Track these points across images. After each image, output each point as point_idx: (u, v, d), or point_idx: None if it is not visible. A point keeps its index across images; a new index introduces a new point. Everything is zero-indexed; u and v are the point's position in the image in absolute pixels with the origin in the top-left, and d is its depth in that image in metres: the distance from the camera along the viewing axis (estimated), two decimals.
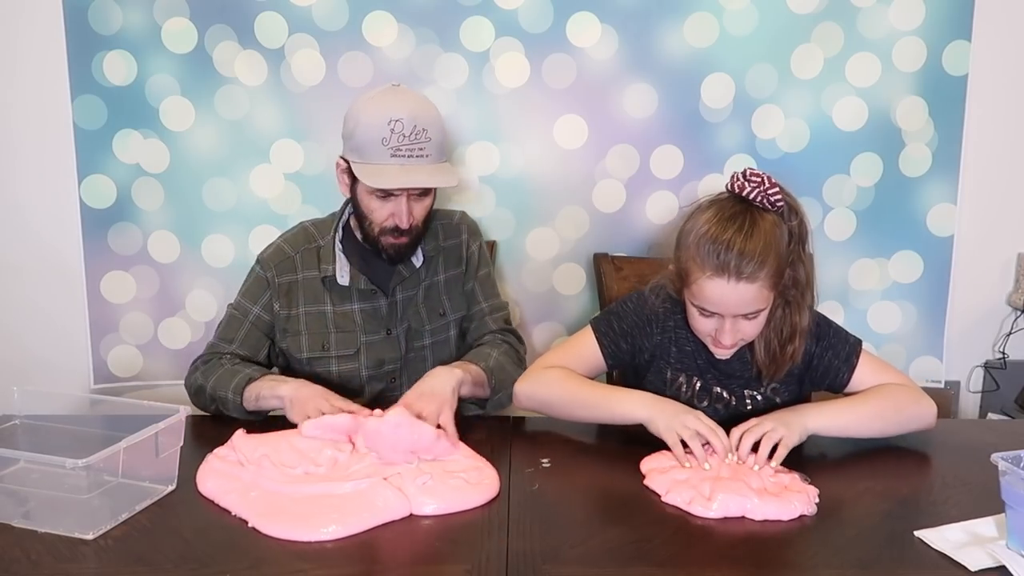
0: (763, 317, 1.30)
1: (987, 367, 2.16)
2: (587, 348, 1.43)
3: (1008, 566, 0.95)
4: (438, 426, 1.28)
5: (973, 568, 0.96)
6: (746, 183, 1.27)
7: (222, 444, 1.27)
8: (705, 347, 1.38)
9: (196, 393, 1.54)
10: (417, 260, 1.60)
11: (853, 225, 2.04)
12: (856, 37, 1.94)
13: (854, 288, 2.08)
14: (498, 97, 1.96)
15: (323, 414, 1.31)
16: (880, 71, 1.95)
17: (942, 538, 1.02)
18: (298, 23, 1.91)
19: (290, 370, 1.63)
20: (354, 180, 1.51)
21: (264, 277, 1.59)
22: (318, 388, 1.41)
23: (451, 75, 1.95)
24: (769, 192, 1.27)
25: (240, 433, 1.27)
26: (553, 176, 2.01)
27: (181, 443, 1.18)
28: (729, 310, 1.26)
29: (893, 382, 1.38)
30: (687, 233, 1.29)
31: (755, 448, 1.23)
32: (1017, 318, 2.13)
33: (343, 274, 1.57)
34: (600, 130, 1.98)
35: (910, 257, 2.06)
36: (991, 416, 2.13)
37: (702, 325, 1.32)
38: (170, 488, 1.17)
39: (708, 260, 1.24)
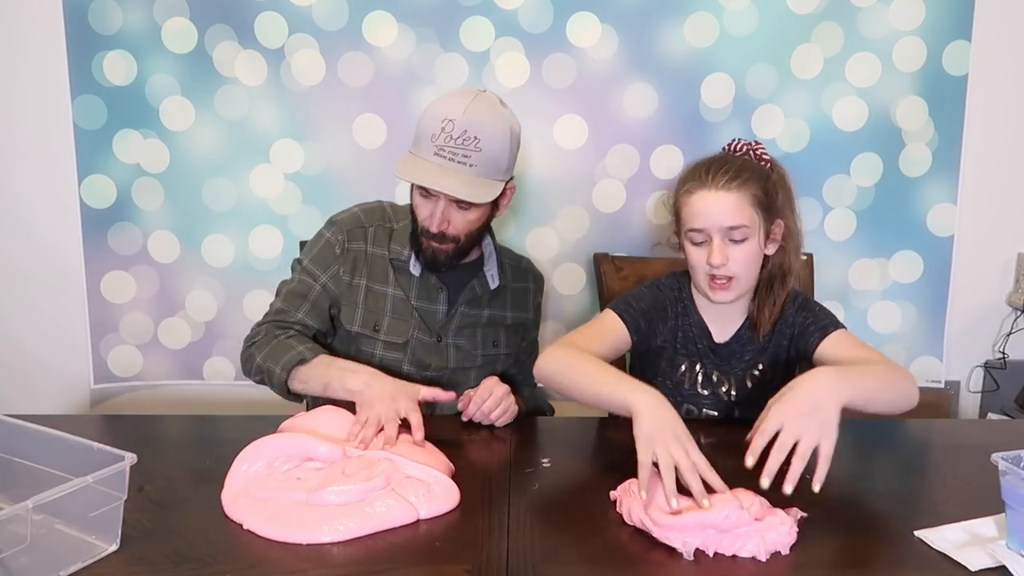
0: (750, 247, 1.34)
1: (987, 367, 2.16)
2: (611, 324, 1.42)
3: (1008, 566, 0.95)
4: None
5: (973, 568, 0.96)
6: (738, 142, 1.41)
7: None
8: (706, 331, 1.44)
9: (246, 360, 1.50)
10: (493, 283, 1.57)
11: (853, 225, 2.04)
12: (856, 37, 1.94)
13: (854, 288, 2.08)
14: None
15: (381, 426, 1.23)
16: (880, 71, 1.95)
17: (942, 538, 1.02)
18: (298, 23, 1.91)
19: (333, 343, 1.57)
20: None
21: (334, 242, 1.53)
22: (389, 386, 1.33)
23: (451, 75, 1.94)
24: (756, 148, 1.40)
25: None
26: (553, 176, 2.01)
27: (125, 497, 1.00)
28: (713, 220, 1.32)
29: (873, 358, 1.31)
30: (677, 181, 1.41)
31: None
32: (1017, 318, 2.13)
33: (416, 265, 1.53)
34: (600, 130, 1.98)
35: (910, 257, 2.06)
36: (991, 416, 2.13)
37: (696, 257, 1.36)
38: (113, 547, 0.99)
39: (690, 179, 1.36)
